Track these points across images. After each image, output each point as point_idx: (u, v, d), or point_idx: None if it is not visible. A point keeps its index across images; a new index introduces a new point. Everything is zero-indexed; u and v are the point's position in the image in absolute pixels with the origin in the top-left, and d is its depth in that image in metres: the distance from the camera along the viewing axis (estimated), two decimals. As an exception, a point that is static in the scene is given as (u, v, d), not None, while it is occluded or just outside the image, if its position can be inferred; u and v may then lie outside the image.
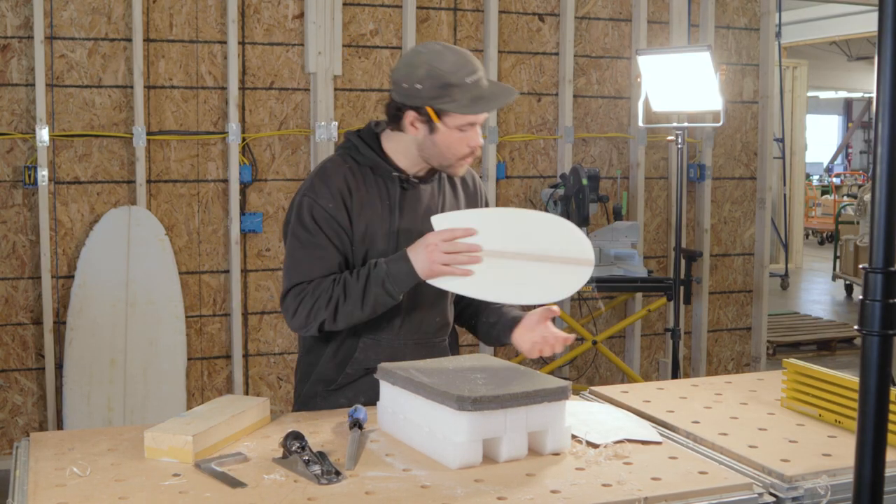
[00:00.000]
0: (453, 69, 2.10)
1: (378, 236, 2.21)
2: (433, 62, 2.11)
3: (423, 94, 2.11)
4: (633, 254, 4.67)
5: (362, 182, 2.22)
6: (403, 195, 2.24)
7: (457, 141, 2.16)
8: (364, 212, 2.21)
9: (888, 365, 1.35)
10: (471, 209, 2.27)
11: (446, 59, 2.11)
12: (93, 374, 4.25)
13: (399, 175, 2.23)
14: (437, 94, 2.10)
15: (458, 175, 2.27)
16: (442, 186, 2.31)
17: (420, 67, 2.11)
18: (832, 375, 2.09)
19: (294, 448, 1.78)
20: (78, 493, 1.65)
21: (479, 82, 2.12)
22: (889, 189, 1.30)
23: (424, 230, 2.14)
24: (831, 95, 21.00)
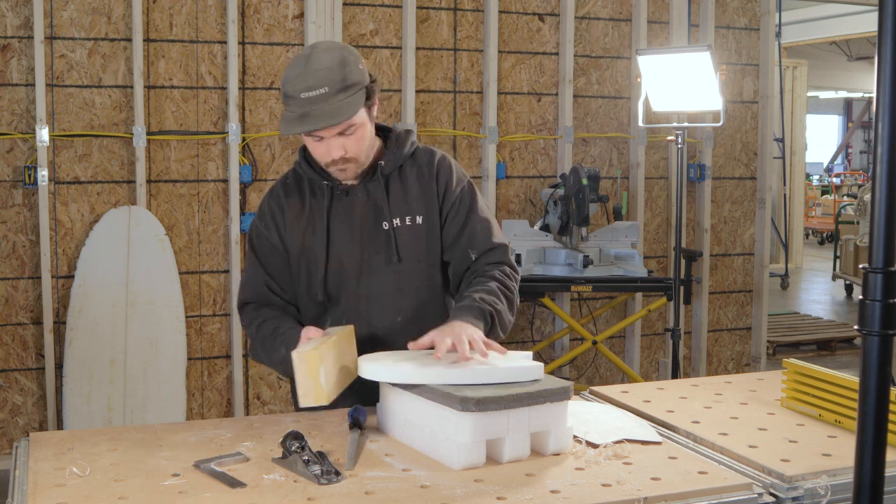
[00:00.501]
0: (293, 78, 2.06)
1: (314, 247, 2.23)
2: (287, 68, 2.11)
3: (281, 96, 2.14)
4: (633, 254, 4.67)
5: (297, 199, 2.26)
6: (334, 203, 2.22)
7: (313, 147, 2.15)
8: (297, 228, 2.25)
9: (888, 365, 1.35)
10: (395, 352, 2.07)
11: (295, 68, 2.07)
12: (93, 374, 4.25)
13: (328, 183, 2.22)
14: (283, 100, 2.11)
15: (344, 180, 2.20)
16: (389, 183, 2.23)
17: (285, 69, 2.12)
18: (832, 375, 2.09)
19: (294, 448, 1.77)
20: (77, 492, 1.65)
21: (315, 98, 2.03)
22: (889, 189, 1.30)
23: (363, 233, 2.21)
24: (831, 95, 21.01)
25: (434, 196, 2.26)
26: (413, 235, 2.23)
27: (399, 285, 2.24)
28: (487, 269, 2.23)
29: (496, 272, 2.22)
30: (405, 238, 2.23)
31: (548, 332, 5.18)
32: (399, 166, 2.26)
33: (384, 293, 2.23)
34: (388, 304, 2.24)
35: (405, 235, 2.23)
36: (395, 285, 2.23)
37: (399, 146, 2.26)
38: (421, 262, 2.25)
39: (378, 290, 2.22)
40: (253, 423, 2.08)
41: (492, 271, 2.22)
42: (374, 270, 2.23)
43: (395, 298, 2.23)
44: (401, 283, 2.24)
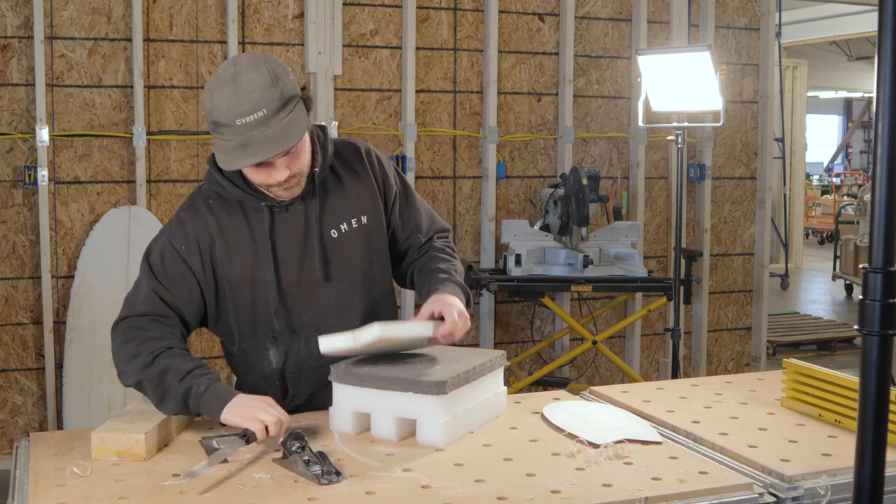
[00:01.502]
0: (223, 104, 1.87)
1: (259, 271, 2.07)
2: (213, 91, 1.90)
3: (208, 124, 1.95)
4: (633, 254, 4.67)
5: (230, 222, 2.07)
6: (274, 221, 2.07)
7: (253, 174, 1.97)
8: (237, 253, 2.07)
9: (888, 365, 1.35)
10: (351, 331, 1.95)
11: (222, 92, 1.88)
12: (93, 374, 4.25)
13: (266, 204, 2.05)
14: (212, 129, 1.93)
15: (289, 198, 2.05)
16: (326, 189, 2.11)
17: (206, 93, 1.93)
18: (832, 375, 2.09)
19: (294, 448, 1.78)
20: (78, 492, 1.65)
21: (253, 123, 1.86)
22: (889, 189, 1.30)
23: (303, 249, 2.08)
24: (831, 95, 21.01)
25: (374, 190, 2.18)
26: (358, 238, 2.15)
27: (347, 298, 2.14)
28: (432, 246, 2.26)
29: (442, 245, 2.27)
30: (341, 249, 2.12)
31: (548, 332, 5.18)
32: (330, 167, 2.13)
33: (334, 309, 2.13)
34: (341, 317, 2.12)
35: (341, 246, 2.12)
36: (343, 298, 2.13)
37: (323, 148, 2.11)
38: (370, 264, 2.18)
39: (326, 306, 2.12)
40: (253, 423, 2.08)
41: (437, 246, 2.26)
42: (315, 291, 2.11)
43: (347, 311, 2.14)
44: (349, 294, 2.14)
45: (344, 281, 2.14)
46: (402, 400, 1.90)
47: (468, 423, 1.98)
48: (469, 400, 1.98)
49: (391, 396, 1.91)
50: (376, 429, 1.94)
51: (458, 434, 1.94)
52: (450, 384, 1.88)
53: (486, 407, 2.06)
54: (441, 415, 1.88)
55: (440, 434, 1.88)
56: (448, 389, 1.87)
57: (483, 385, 2.04)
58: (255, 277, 2.09)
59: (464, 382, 1.94)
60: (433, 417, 1.88)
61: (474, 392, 2.00)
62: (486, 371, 2.05)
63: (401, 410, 1.91)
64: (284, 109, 1.90)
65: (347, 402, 1.97)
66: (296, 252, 2.10)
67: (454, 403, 1.91)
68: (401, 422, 1.92)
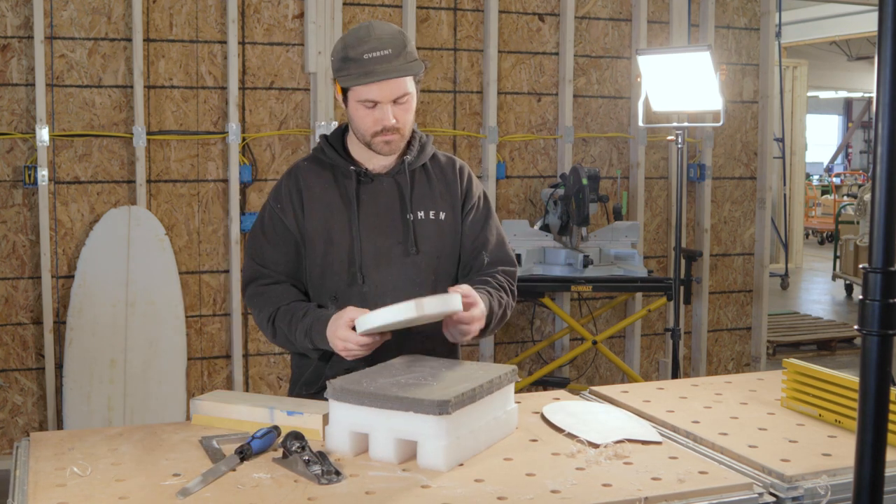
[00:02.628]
0: (354, 42, 2.13)
1: (336, 230, 2.24)
2: (344, 36, 2.18)
3: (333, 68, 2.20)
4: (633, 254, 4.67)
5: (320, 181, 2.27)
6: (360, 188, 2.25)
7: (364, 116, 2.17)
8: (319, 208, 2.25)
9: (888, 365, 1.35)
10: (386, 308, 1.99)
11: (356, 33, 2.15)
12: (93, 374, 4.25)
13: (355, 169, 2.24)
14: (338, 67, 2.16)
15: (385, 154, 2.23)
16: (414, 178, 2.28)
17: (339, 41, 2.20)
18: (832, 375, 2.09)
19: (294, 448, 1.78)
20: (78, 492, 1.65)
21: (378, 58, 2.10)
22: (889, 189, 1.30)
23: (384, 222, 2.23)
24: (831, 95, 21.01)
25: (457, 196, 2.32)
26: (434, 230, 2.28)
27: (415, 277, 2.25)
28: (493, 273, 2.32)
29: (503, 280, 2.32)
30: (426, 231, 2.27)
31: (548, 332, 5.18)
32: (422, 164, 2.31)
33: (400, 284, 2.24)
34: (403, 294, 2.19)
35: (427, 229, 2.27)
36: (411, 277, 2.25)
37: (423, 147, 2.32)
38: (438, 258, 2.29)
39: (395, 280, 2.23)
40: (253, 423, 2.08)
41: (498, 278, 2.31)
42: (393, 260, 2.24)
43: (409, 290, 2.22)
44: (418, 275, 2.26)
45: (418, 260, 2.26)
46: (402, 420, 1.78)
47: (474, 445, 1.85)
48: (475, 420, 1.86)
49: (390, 416, 1.79)
50: (374, 450, 1.83)
51: (463, 457, 1.81)
52: (453, 404, 1.76)
53: (494, 426, 1.93)
54: (443, 437, 1.75)
55: (442, 457, 1.75)
56: (451, 409, 1.75)
57: (491, 403, 1.92)
58: (330, 235, 2.24)
59: (469, 401, 1.82)
60: (434, 440, 1.76)
61: (481, 411, 1.88)
62: (495, 388, 1.92)
63: (400, 431, 1.79)
64: (406, 57, 2.14)
65: (344, 422, 1.85)
66: (373, 220, 2.24)
67: (458, 424, 1.79)
68: (401, 443, 1.80)
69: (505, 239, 2.40)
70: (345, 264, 2.23)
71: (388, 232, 2.24)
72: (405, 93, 2.16)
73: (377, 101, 2.14)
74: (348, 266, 2.23)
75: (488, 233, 2.35)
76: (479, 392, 1.86)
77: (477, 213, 2.35)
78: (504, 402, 1.99)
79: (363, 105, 2.15)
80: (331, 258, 2.24)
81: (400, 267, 2.25)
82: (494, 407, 1.94)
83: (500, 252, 2.36)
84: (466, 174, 2.37)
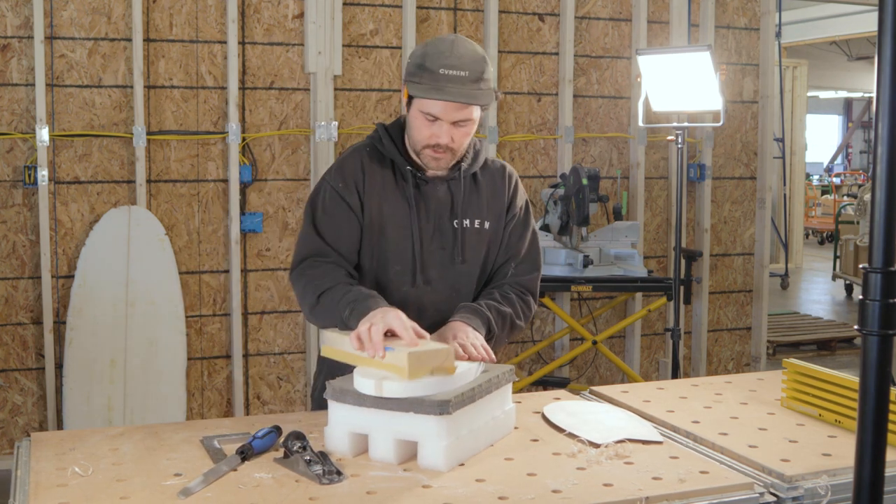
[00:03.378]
0: (435, 54, 2.12)
1: (390, 225, 2.23)
2: (427, 43, 2.19)
3: (407, 70, 2.19)
4: (633, 254, 4.67)
5: (379, 169, 2.25)
6: (416, 190, 2.24)
7: (421, 127, 2.17)
8: (377, 196, 2.23)
9: (888, 365, 1.35)
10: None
11: (438, 46, 2.14)
12: (93, 374, 4.25)
13: (411, 170, 2.24)
14: (412, 72, 2.15)
15: (430, 168, 2.22)
16: (463, 184, 2.28)
17: (420, 46, 2.21)
18: (832, 375, 2.10)
19: (295, 448, 1.78)
20: (79, 492, 1.65)
21: (453, 77, 2.09)
22: (889, 189, 1.31)
23: (433, 226, 2.23)
24: (831, 95, 21.01)
25: (503, 205, 2.34)
26: (478, 239, 2.29)
27: (458, 285, 2.28)
28: (513, 291, 2.33)
29: (520, 301, 2.33)
30: (471, 240, 2.28)
31: (548, 332, 5.19)
32: (473, 172, 2.31)
33: (442, 290, 2.25)
34: (443, 300, 2.25)
35: (472, 237, 2.28)
36: (454, 284, 2.27)
37: (476, 154, 2.32)
38: (481, 267, 2.31)
39: (437, 284, 2.25)
40: (253, 423, 2.08)
41: (517, 298, 2.32)
42: (438, 266, 2.26)
43: (451, 296, 2.26)
44: (460, 283, 2.28)
45: (464, 269, 2.27)
46: (402, 420, 1.78)
47: (474, 445, 1.86)
48: (475, 419, 1.87)
49: (390, 416, 1.79)
50: (374, 451, 1.82)
51: (463, 457, 1.82)
52: (453, 404, 1.76)
53: (493, 426, 1.94)
54: (444, 437, 1.76)
55: (443, 457, 1.76)
56: (451, 409, 1.75)
57: (490, 403, 1.93)
58: (384, 230, 2.23)
59: (468, 401, 1.82)
60: (435, 440, 1.76)
61: (480, 411, 1.89)
62: (493, 388, 1.93)
63: (401, 432, 1.79)
64: (480, 83, 2.13)
65: (344, 422, 1.85)
66: (426, 224, 2.24)
67: (458, 424, 1.80)
68: (401, 443, 1.80)
69: (538, 246, 2.41)
70: (394, 261, 2.24)
71: (435, 237, 2.25)
72: (469, 118, 2.15)
73: (438, 117, 2.14)
74: (398, 265, 2.24)
75: (522, 243, 2.37)
76: (479, 392, 1.87)
77: (516, 222, 2.36)
78: (502, 402, 2.00)
79: (423, 116, 2.15)
80: (379, 252, 2.24)
81: (444, 273, 2.26)
82: (493, 407, 1.95)
83: (527, 262, 2.37)
84: (514, 182, 2.38)
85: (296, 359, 4.68)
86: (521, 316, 2.32)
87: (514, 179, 2.39)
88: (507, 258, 2.35)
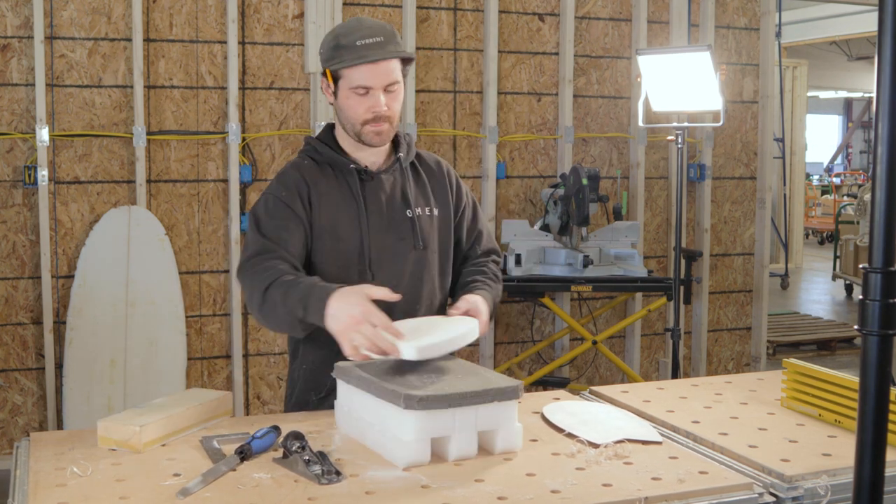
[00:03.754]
0: (345, 32, 2.19)
1: (343, 227, 2.24)
2: (334, 28, 2.25)
3: (323, 57, 2.25)
4: (633, 254, 4.67)
5: (321, 178, 2.27)
6: (364, 186, 2.27)
7: (355, 105, 2.20)
8: (326, 204, 2.24)
9: (888, 365, 1.35)
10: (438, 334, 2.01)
11: (347, 25, 2.22)
12: (93, 374, 4.25)
13: (355, 167, 2.27)
14: (330, 56, 2.21)
15: (375, 145, 2.25)
16: (405, 175, 2.33)
17: (329, 32, 2.26)
18: (832, 375, 2.09)
19: (294, 448, 1.78)
20: (78, 492, 1.65)
21: (370, 45, 2.15)
22: (889, 189, 1.30)
23: (389, 218, 2.26)
24: (831, 95, 21.01)
25: (448, 193, 2.40)
26: (430, 225, 2.34)
27: (420, 273, 2.31)
28: (486, 262, 2.44)
29: (494, 268, 2.44)
30: (425, 227, 2.32)
31: (548, 332, 5.18)
32: (410, 162, 2.37)
33: (408, 279, 2.28)
34: (409, 289, 2.27)
35: (425, 224, 2.32)
36: (417, 272, 2.30)
37: (409, 145, 2.38)
38: (440, 253, 2.36)
39: (403, 275, 2.27)
40: (253, 423, 2.08)
41: (490, 267, 2.43)
42: (400, 256, 2.28)
43: (416, 284, 2.30)
44: (422, 270, 2.31)
45: (424, 255, 2.32)
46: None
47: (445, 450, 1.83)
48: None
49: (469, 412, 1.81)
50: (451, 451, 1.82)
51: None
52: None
53: None
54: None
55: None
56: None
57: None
58: (336, 232, 2.25)
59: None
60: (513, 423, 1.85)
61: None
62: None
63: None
64: (396, 44, 2.21)
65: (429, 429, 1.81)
66: (381, 217, 2.27)
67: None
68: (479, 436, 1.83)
69: (489, 227, 2.55)
70: (353, 260, 2.25)
71: (392, 228, 2.28)
72: (395, 80, 2.20)
73: (369, 86, 2.17)
74: (357, 262, 2.25)
75: (480, 226, 2.48)
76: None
77: (469, 209, 2.46)
78: None
79: (355, 92, 2.19)
80: (338, 254, 2.25)
81: (407, 262, 2.29)
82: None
83: (489, 242, 2.49)
84: (453, 172, 2.46)
85: (296, 359, 4.68)
86: (499, 293, 2.40)
87: (452, 170, 2.47)
88: (472, 242, 2.45)
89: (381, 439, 1.84)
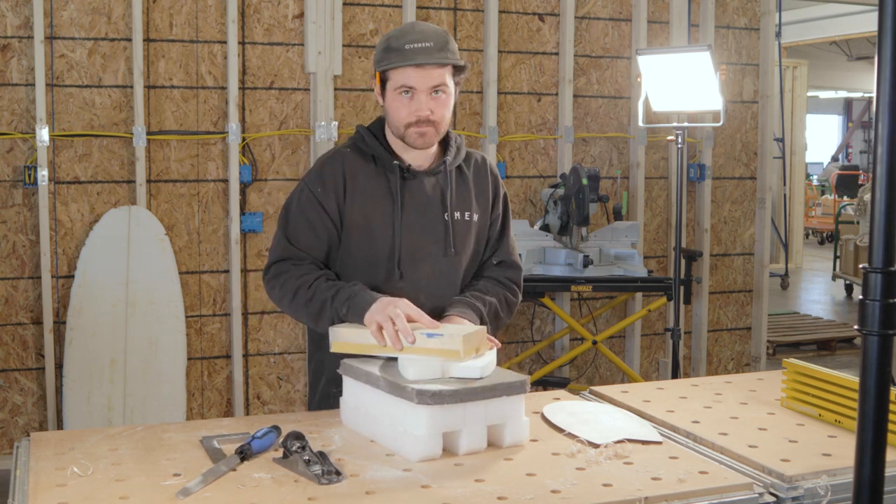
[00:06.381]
0: (397, 35, 2.19)
1: (378, 223, 2.24)
2: (388, 33, 2.24)
3: (375, 60, 2.24)
4: (633, 254, 4.67)
5: (363, 170, 2.26)
6: (404, 185, 2.26)
7: (400, 107, 2.19)
8: (362, 197, 2.24)
9: (888, 365, 1.35)
10: None
11: (401, 28, 2.23)
12: (93, 374, 4.25)
13: (399, 164, 2.25)
14: (380, 58, 2.20)
15: (417, 147, 2.24)
16: (449, 177, 2.30)
17: (383, 37, 2.26)
18: (832, 375, 2.10)
19: (294, 448, 1.78)
20: (79, 492, 1.65)
21: (419, 49, 2.14)
22: (889, 189, 1.30)
23: (425, 220, 2.24)
24: (831, 95, 21.00)
25: (489, 198, 2.39)
26: (467, 230, 2.32)
27: (450, 277, 2.30)
28: (499, 283, 2.38)
29: (505, 293, 2.38)
30: (461, 232, 2.31)
31: (548, 332, 5.18)
32: (457, 165, 2.35)
33: (435, 282, 2.28)
34: (436, 293, 2.27)
35: (461, 230, 2.31)
36: (447, 276, 2.30)
37: (458, 147, 2.36)
38: (470, 258, 2.35)
39: (431, 278, 2.27)
40: (253, 423, 2.08)
41: (502, 290, 2.37)
42: (430, 259, 2.28)
43: (443, 288, 2.29)
44: (452, 275, 2.31)
45: (455, 260, 2.30)
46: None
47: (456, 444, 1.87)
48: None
49: (480, 405, 1.85)
50: (461, 445, 1.86)
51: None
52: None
53: None
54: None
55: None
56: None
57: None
58: (370, 227, 2.24)
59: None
60: (522, 416, 1.89)
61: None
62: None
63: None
64: (447, 51, 2.18)
65: (440, 423, 1.84)
66: (417, 218, 2.26)
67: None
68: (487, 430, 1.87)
69: (515, 241, 2.50)
70: (383, 258, 2.25)
71: (427, 230, 2.27)
72: (442, 83, 2.18)
73: (414, 87, 2.16)
74: (386, 260, 2.25)
75: (506, 237, 2.45)
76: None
77: (502, 217, 2.44)
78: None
79: (400, 93, 2.18)
80: (369, 250, 2.25)
81: (437, 266, 2.28)
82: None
83: (507, 254, 2.44)
84: (496, 175, 2.44)
85: (296, 359, 4.68)
86: (506, 306, 2.37)
87: (496, 171, 2.45)
88: (493, 250, 2.42)
89: (392, 434, 1.86)
